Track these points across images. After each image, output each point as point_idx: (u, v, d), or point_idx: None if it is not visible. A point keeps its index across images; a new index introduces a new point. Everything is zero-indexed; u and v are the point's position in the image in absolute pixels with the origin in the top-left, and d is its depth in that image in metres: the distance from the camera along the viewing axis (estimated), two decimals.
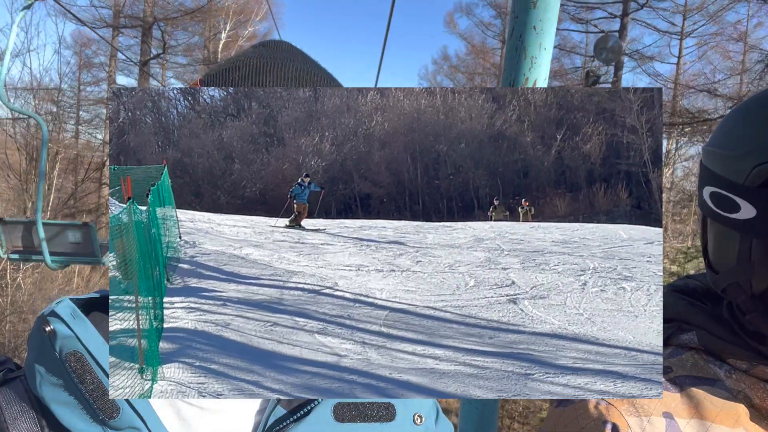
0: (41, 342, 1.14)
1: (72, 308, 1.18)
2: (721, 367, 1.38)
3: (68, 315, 1.16)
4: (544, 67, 3.23)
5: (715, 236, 1.42)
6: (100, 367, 1.10)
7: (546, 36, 3.16)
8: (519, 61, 3.19)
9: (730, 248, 1.35)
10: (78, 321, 1.16)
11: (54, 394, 1.11)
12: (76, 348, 1.12)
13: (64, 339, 1.13)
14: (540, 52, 3.17)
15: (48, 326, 1.14)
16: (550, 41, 3.20)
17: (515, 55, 3.19)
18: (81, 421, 1.09)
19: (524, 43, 3.16)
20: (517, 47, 3.18)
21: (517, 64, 3.20)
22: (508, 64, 3.27)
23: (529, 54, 3.15)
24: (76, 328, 1.14)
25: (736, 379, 1.35)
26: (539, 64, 3.19)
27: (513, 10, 3.22)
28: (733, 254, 1.35)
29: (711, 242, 1.45)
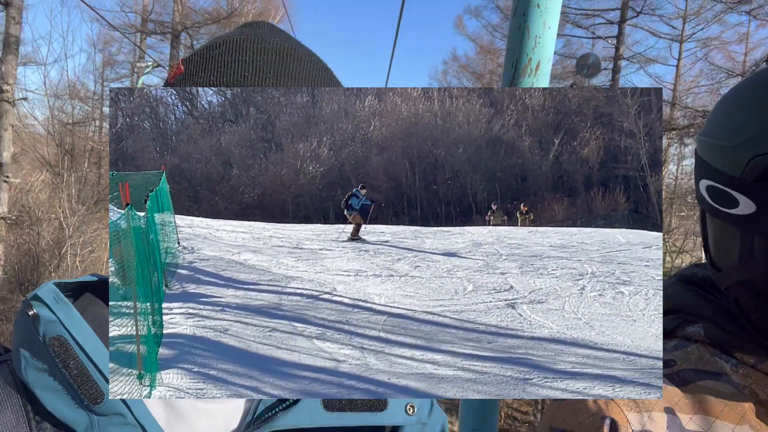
0: (26, 326, 1.13)
1: (55, 292, 1.16)
2: (728, 362, 1.33)
3: (51, 299, 1.14)
4: (549, 47, 3.08)
5: (714, 232, 1.37)
6: (84, 352, 1.09)
7: (550, 14, 3.01)
8: (522, 41, 3.03)
9: (731, 245, 1.30)
10: (61, 305, 1.14)
11: (38, 379, 1.09)
12: (59, 332, 1.11)
13: (48, 323, 1.11)
14: (544, 31, 3.02)
15: (31, 310, 1.12)
16: (555, 20, 3.05)
17: (518, 34, 3.04)
18: (65, 406, 1.08)
19: (528, 21, 3.00)
20: (520, 26, 3.03)
21: (520, 44, 3.04)
22: (511, 44, 3.11)
23: (532, 33, 3.00)
24: (59, 313, 1.12)
25: (743, 374, 1.30)
26: (543, 44, 3.04)
27: None
28: (734, 251, 1.30)
29: (711, 238, 1.40)
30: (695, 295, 1.45)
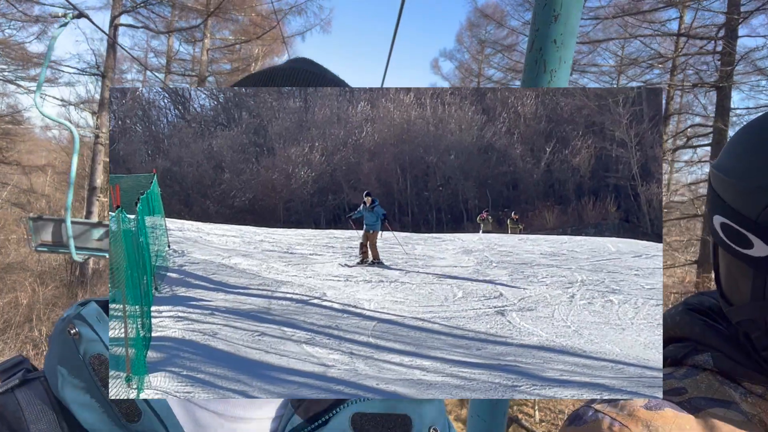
0: (65, 344, 1.15)
1: (98, 311, 1.20)
2: (737, 390, 1.33)
3: (94, 318, 1.18)
4: (563, 80, 3.22)
5: (727, 267, 1.37)
6: None
7: (566, 50, 3.15)
8: (539, 74, 3.17)
9: (744, 283, 1.31)
10: (103, 324, 1.17)
11: (76, 396, 1.11)
12: (100, 351, 1.14)
13: (89, 342, 1.14)
14: (560, 65, 3.16)
15: (73, 329, 1.15)
16: (570, 55, 3.19)
17: (535, 67, 3.18)
18: (102, 423, 1.10)
19: (544, 56, 3.15)
20: (537, 60, 3.17)
21: (537, 77, 3.18)
22: (527, 76, 3.26)
23: (549, 67, 3.14)
24: (101, 332, 1.16)
25: (752, 402, 1.31)
26: (559, 78, 3.18)
27: (534, 23, 3.21)
28: (746, 289, 1.30)
29: (723, 272, 1.40)
30: (703, 325, 1.45)
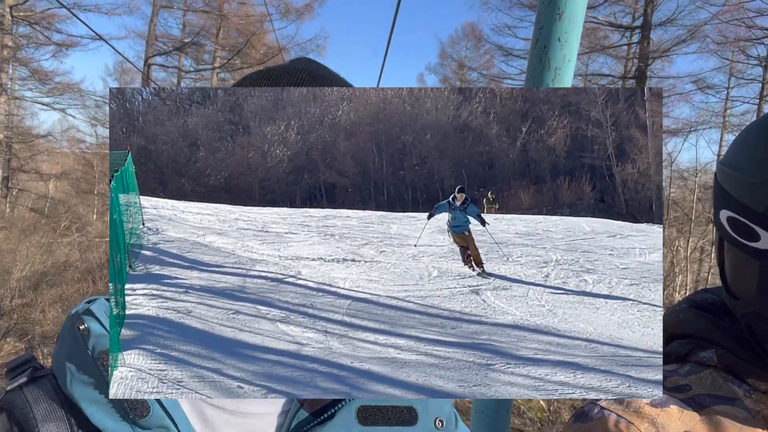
0: (74, 340, 1.15)
1: (107, 307, 1.21)
2: (741, 387, 1.35)
3: (102, 314, 1.18)
4: (567, 78, 3.22)
5: (732, 260, 1.39)
6: None
7: (570, 48, 3.15)
8: (542, 72, 3.16)
9: (750, 276, 1.31)
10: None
11: (84, 392, 1.11)
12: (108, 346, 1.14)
13: (98, 337, 1.14)
14: (564, 63, 3.15)
15: (82, 324, 1.15)
16: (574, 53, 3.19)
17: (539, 65, 3.17)
18: (111, 419, 1.10)
19: (548, 54, 3.14)
20: (540, 58, 3.16)
21: (541, 75, 3.17)
22: (531, 74, 3.25)
23: (553, 65, 3.13)
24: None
25: (756, 399, 1.32)
26: (562, 76, 3.18)
27: (538, 21, 3.19)
28: (752, 282, 1.31)
29: (728, 265, 1.41)
30: (707, 321, 1.46)
